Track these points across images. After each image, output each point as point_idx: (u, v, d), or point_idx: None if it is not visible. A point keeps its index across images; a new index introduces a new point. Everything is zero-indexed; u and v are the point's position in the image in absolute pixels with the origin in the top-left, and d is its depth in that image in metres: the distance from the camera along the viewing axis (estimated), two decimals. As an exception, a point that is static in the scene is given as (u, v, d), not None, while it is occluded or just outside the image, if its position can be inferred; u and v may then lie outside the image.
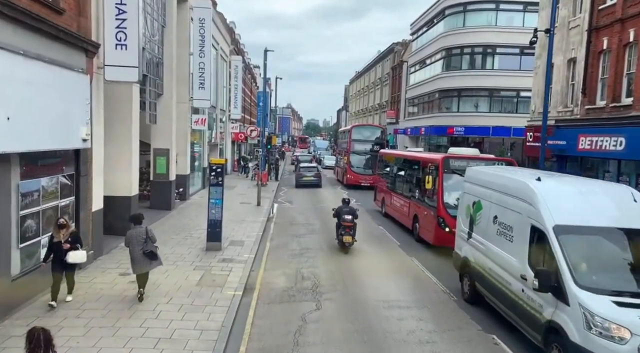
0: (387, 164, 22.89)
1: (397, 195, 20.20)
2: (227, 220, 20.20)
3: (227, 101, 42.05)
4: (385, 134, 34.54)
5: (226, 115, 42.25)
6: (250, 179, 34.94)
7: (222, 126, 41.36)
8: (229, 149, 43.73)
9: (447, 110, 40.13)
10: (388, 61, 61.25)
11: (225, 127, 42.22)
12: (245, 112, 60.78)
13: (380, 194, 23.50)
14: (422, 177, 16.75)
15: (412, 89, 48.78)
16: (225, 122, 42.22)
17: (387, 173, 22.52)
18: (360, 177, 33.55)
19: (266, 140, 37.89)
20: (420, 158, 18.17)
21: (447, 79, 39.67)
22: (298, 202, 27.75)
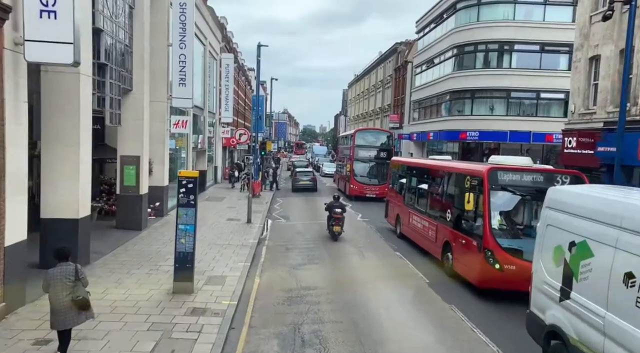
0: (403, 174, 19.06)
1: (418, 214, 16.40)
2: (208, 243, 16.46)
3: (217, 103, 38.32)
4: (393, 138, 30.90)
5: (216, 119, 38.53)
6: (240, 190, 30.95)
7: (211, 130, 37.66)
8: (219, 156, 39.96)
9: (459, 114, 36.47)
10: (390, 62, 57.70)
11: (215, 131, 38.50)
12: (238, 116, 57.03)
13: (393, 210, 19.72)
14: (458, 193, 12.96)
15: (418, 91, 45.18)
16: (215, 126, 38.50)
17: (403, 185, 18.73)
18: (365, 187, 29.80)
19: (260, 146, 34.22)
20: (454, 169, 14.27)
21: (459, 79, 36.05)
22: (295, 218, 23.96)
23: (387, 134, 31.72)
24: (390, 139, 30.80)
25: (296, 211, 26.38)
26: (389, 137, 30.97)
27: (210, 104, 37.23)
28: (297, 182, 35.35)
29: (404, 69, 51.10)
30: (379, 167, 30.62)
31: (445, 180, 14.29)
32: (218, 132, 38.95)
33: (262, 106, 65.76)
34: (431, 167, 16.03)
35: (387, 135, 31.39)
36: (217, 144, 39.16)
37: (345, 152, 33.37)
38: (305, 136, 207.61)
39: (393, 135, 30.59)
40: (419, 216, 16.22)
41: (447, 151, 39.20)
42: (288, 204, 29.06)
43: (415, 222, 16.47)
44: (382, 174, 30.40)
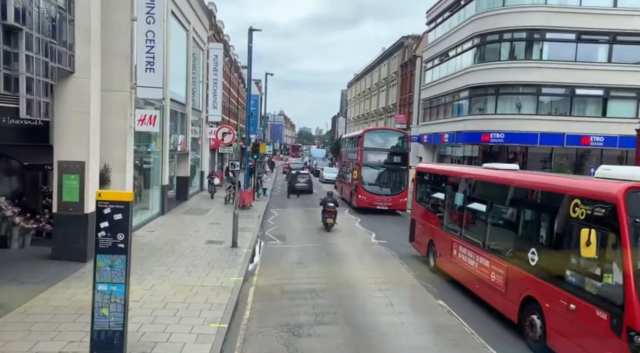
0: (438, 187, 14.22)
1: (469, 246, 11.66)
2: (172, 285, 11.69)
3: (203, 99, 33.60)
4: (408, 140, 26.24)
5: (202, 117, 33.82)
6: (225, 202, 26.26)
7: (197, 130, 32.94)
8: (206, 159, 35.21)
9: (481, 112, 31.89)
10: (396, 58, 53.15)
11: (201, 131, 33.77)
12: (230, 116, 52.31)
13: (423, 233, 14.97)
14: (560, 225, 8.17)
15: (429, 88, 40.60)
16: (202, 125, 33.78)
17: (440, 202, 13.92)
18: (375, 198, 25.13)
19: (252, 148, 29.52)
20: (548, 186, 9.15)
21: (480, 73, 31.48)
22: (294, 238, 19.25)
23: (401, 134, 27.08)
24: (404, 141, 26.15)
25: (294, 228, 21.68)
26: (403, 139, 26.33)
27: (196, 100, 32.57)
28: (293, 184, 34.79)
29: (412, 64, 46.54)
30: (392, 174, 26.01)
31: (529, 202, 9.46)
32: (205, 133, 34.24)
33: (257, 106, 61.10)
34: (495, 181, 11.18)
35: (401, 136, 26.75)
36: (204, 146, 34.44)
37: (351, 156, 28.70)
38: (302, 138, 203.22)
39: (408, 137, 26.01)
40: (471, 248, 11.50)
41: (464, 155, 34.62)
42: (284, 218, 24.35)
43: (465, 257, 11.76)
44: (396, 183, 25.79)
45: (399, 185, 25.53)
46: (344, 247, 17.40)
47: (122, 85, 16.32)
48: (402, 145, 26.07)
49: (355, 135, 28.88)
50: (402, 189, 25.35)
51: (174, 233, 18.48)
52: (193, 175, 32.56)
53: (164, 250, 15.47)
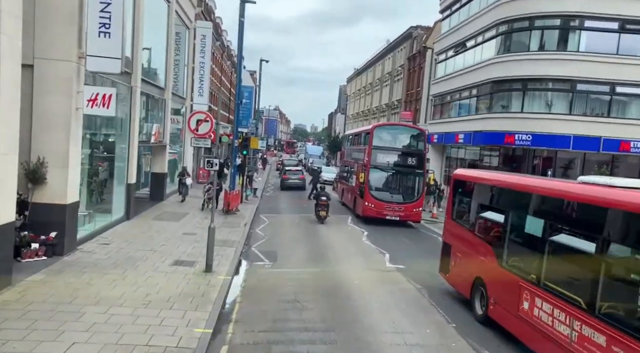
0: (495, 204, 9.88)
1: (562, 305, 7.33)
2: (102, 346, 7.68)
3: (187, 84, 29.46)
4: (426, 138, 22.12)
5: (186, 105, 29.70)
6: (203, 207, 21.80)
7: (178, 120, 28.85)
8: (189, 153, 31.06)
9: (504, 110, 27.99)
10: (402, 50, 49.18)
11: (184, 121, 29.61)
12: (221, 107, 48.12)
13: (465, 266, 10.81)
14: None
15: (441, 82, 36.67)
16: (185, 115, 29.64)
17: (498, 227, 9.61)
18: (384, 206, 21.12)
19: (241, 143, 25.53)
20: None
21: (505, 65, 27.55)
22: (287, 258, 15.16)
23: (417, 132, 22.96)
24: (421, 140, 22.07)
25: (288, 241, 17.65)
26: (419, 137, 22.25)
27: (179, 85, 28.46)
28: (286, 181, 35.37)
29: (421, 57, 42.58)
30: (405, 179, 22.06)
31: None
32: (189, 123, 30.07)
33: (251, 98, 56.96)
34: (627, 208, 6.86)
35: (417, 133, 22.65)
36: (188, 138, 30.25)
37: (356, 156, 24.66)
38: (296, 135, 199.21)
39: (426, 134, 21.97)
40: (561, 306, 7.43)
41: (479, 158, 30.71)
42: (276, 227, 20.30)
43: (548, 316, 7.70)
44: (410, 189, 21.83)
45: (413, 192, 21.57)
46: (353, 274, 13.40)
47: (66, 53, 12.31)
48: (418, 145, 22.04)
49: (362, 132, 24.81)
50: (416, 197, 21.37)
51: (134, 247, 14.43)
52: (174, 171, 28.49)
53: (112, 275, 11.40)
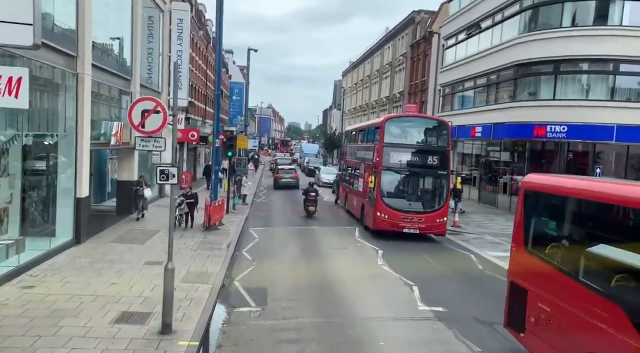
0: (622, 231, 6.16)
1: None
2: None
3: (163, 77, 25.39)
4: (450, 132, 17.93)
5: (162, 101, 25.56)
6: (176, 224, 16.89)
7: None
8: (168, 157, 26.92)
9: (532, 98, 24.12)
10: (404, 38, 45.18)
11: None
12: (208, 104, 43.99)
13: (559, 324, 6.89)
14: None
15: (451, 70, 32.77)
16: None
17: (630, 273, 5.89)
18: (401, 216, 17.11)
19: (225, 144, 21.59)
20: None
21: (532, 45, 23.63)
22: (283, 300, 11.04)
23: (438, 124, 18.85)
24: (444, 134, 17.96)
25: (285, 268, 13.61)
26: (441, 130, 18.13)
27: (153, 78, 24.42)
28: (279, 180, 35.26)
29: (427, 43, 38.60)
30: (426, 182, 18.07)
31: None
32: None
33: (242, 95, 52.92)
34: None
35: (438, 126, 18.51)
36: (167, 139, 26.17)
37: (363, 155, 20.65)
38: (291, 133, 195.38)
39: (450, 127, 17.88)
40: None
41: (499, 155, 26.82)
42: (268, 248, 16.28)
43: None
44: (432, 194, 17.89)
45: (436, 198, 17.59)
46: (376, 326, 9.41)
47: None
48: (440, 140, 18.00)
49: (371, 126, 20.73)
50: (440, 204, 17.40)
51: (70, 289, 10.46)
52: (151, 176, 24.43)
53: (14, 350, 7.42)
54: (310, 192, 22.44)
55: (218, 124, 19.31)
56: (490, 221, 23.05)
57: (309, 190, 22.67)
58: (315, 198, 22.39)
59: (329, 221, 22.12)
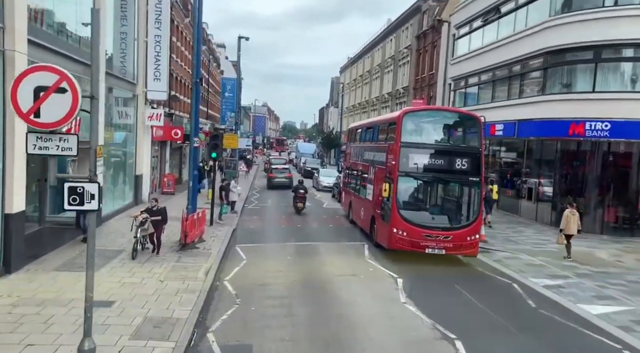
0: None
1: None
2: None
3: (136, 64, 21.99)
4: (482, 129, 14.40)
5: (139, 93, 22.26)
6: (134, 251, 12.92)
7: (128, 113, 21.56)
8: (146, 156, 23.59)
9: (566, 90, 20.82)
10: (409, 29, 41.86)
11: (136, 114, 22.24)
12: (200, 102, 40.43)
13: None
14: None
15: (464, 61, 29.52)
16: (136, 105, 22.23)
17: None
18: (422, 233, 13.74)
19: (209, 142, 18.34)
20: None
21: (565, 29, 20.37)
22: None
23: (468, 118, 15.34)
24: (475, 131, 14.50)
25: (277, 308, 10.25)
26: (472, 127, 14.61)
27: (127, 66, 21.06)
28: (272, 179, 34.96)
29: (435, 33, 35.32)
30: (453, 191, 14.72)
31: None
32: (144, 117, 22.68)
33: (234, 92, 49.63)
34: None
35: (468, 121, 14.97)
36: (142, 136, 22.87)
37: (372, 157, 17.27)
38: (286, 132, 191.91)
39: (482, 123, 14.41)
40: None
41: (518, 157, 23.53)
42: (258, 271, 12.93)
43: None
44: (461, 206, 14.52)
45: (466, 211, 14.23)
46: None
47: None
48: (470, 139, 14.66)
49: (382, 122, 17.25)
50: (471, 218, 14.05)
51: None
52: (117, 181, 21.06)
53: None
54: (299, 189, 23.52)
55: (196, 119, 15.89)
56: (517, 233, 19.78)
57: (298, 188, 23.77)
58: (304, 195, 23.29)
59: (331, 234, 18.79)
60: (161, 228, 12.99)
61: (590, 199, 20.59)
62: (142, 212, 12.42)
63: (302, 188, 23.74)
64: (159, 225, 12.75)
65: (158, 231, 12.81)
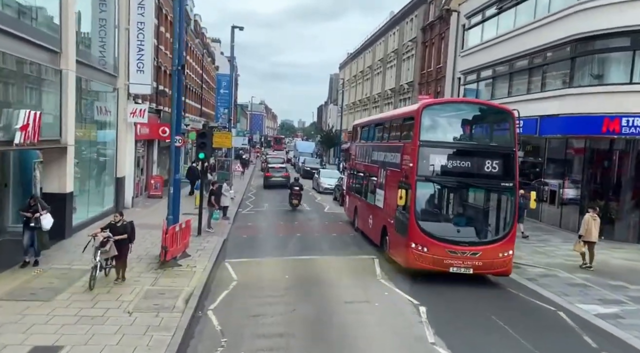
0: None
1: None
2: None
3: (116, 55, 19.73)
4: (515, 125, 12.17)
5: (120, 87, 20.01)
6: (91, 278, 10.20)
7: (106, 109, 19.38)
8: (129, 156, 21.33)
9: (597, 82, 18.64)
10: (413, 20, 39.64)
11: (116, 110, 20.01)
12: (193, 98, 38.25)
13: None
14: None
15: (475, 53, 27.37)
16: (117, 100, 19.99)
17: None
18: (446, 248, 11.51)
19: (197, 140, 16.20)
20: None
21: (596, 12, 18.17)
22: None
23: (499, 112, 12.96)
24: (507, 127, 12.21)
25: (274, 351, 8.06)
26: (504, 123, 12.34)
27: (107, 57, 18.81)
28: (269, 178, 34.33)
29: (443, 24, 33.11)
30: (481, 199, 12.49)
31: None
32: (125, 113, 20.42)
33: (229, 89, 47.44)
34: None
35: (500, 115, 12.67)
36: (124, 134, 20.65)
37: (382, 158, 15.03)
38: (284, 131, 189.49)
39: (516, 119, 12.14)
40: None
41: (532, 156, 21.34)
42: (252, 296, 10.66)
43: None
44: (491, 217, 12.29)
45: (498, 223, 12.02)
46: None
47: None
48: (502, 138, 12.45)
49: (396, 117, 14.87)
50: (503, 231, 11.82)
51: None
52: (95, 184, 18.84)
53: None
54: (295, 186, 24.36)
55: (179, 114, 13.63)
56: (543, 243, 17.61)
57: (294, 185, 24.68)
58: (299, 191, 24.09)
59: (335, 245, 16.57)
60: (127, 249, 10.68)
61: (624, 203, 18.46)
62: (102, 229, 10.06)
63: (297, 185, 24.45)
64: (123, 245, 10.44)
65: (123, 253, 10.44)
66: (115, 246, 9.79)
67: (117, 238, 9.79)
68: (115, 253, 9.73)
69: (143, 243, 14.64)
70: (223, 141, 24.45)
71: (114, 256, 9.90)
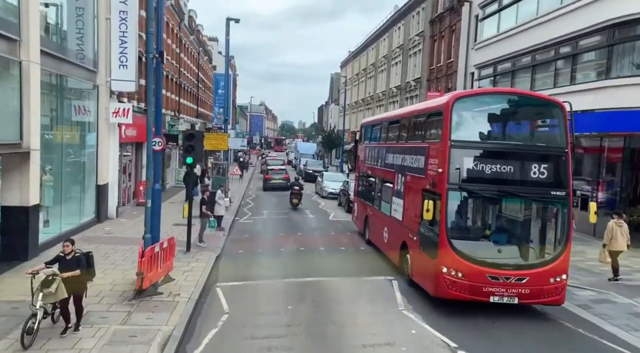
0: None
1: None
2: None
3: (97, 49, 17.61)
4: (567, 121, 10.08)
5: (100, 84, 17.88)
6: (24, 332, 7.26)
7: (85, 108, 17.30)
8: (112, 159, 19.18)
9: (638, 72, 16.40)
10: (420, 13, 37.50)
11: (97, 109, 17.90)
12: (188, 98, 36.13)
13: None
14: None
15: (491, 45, 25.22)
16: (97, 98, 17.87)
17: None
18: (485, 273, 9.32)
19: (184, 142, 14.14)
20: None
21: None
22: None
23: (547, 105, 10.56)
24: (557, 124, 9.90)
25: None
26: (553, 117, 10.07)
27: (86, 50, 16.73)
28: (269, 180, 33.59)
29: (454, 15, 30.96)
30: (528, 211, 10.29)
31: None
32: (107, 112, 18.27)
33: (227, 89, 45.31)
34: None
35: (548, 109, 10.34)
36: (106, 136, 18.51)
37: (399, 161, 12.83)
38: (284, 132, 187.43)
39: (567, 114, 10.03)
40: None
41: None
42: (247, 346, 8.47)
43: None
44: (538, 233, 10.10)
45: (548, 241, 9.86)
46: None
47: None
48: (549, 135, 10.27)
49: (417, 113, 12.43)
50: (555, 251, 9.68)
51: None
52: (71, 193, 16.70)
53: None
54: (295, 186, 24.92)
55: (158, 110, 11.50)
56: (581, 256, 15.43)
57: (294, 184, 25.38)
58: (299, 191, 24.49)
59: (345, 263, 14.38)
60: (83, 289, 8.12)
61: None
62: (46, 265, 7.63)
63: (297, 185, 25.09)
64: (76, 284, 7.79)
65: (77, 295, 7.96)
66: (64, 286, 7.47)
67: (65, 276, 7.38)
68: (64, 296, 7.33)
69: (122, 265, 12.52)
70: (218, 143, 22.28)
71: (62, 299, 7.45)
